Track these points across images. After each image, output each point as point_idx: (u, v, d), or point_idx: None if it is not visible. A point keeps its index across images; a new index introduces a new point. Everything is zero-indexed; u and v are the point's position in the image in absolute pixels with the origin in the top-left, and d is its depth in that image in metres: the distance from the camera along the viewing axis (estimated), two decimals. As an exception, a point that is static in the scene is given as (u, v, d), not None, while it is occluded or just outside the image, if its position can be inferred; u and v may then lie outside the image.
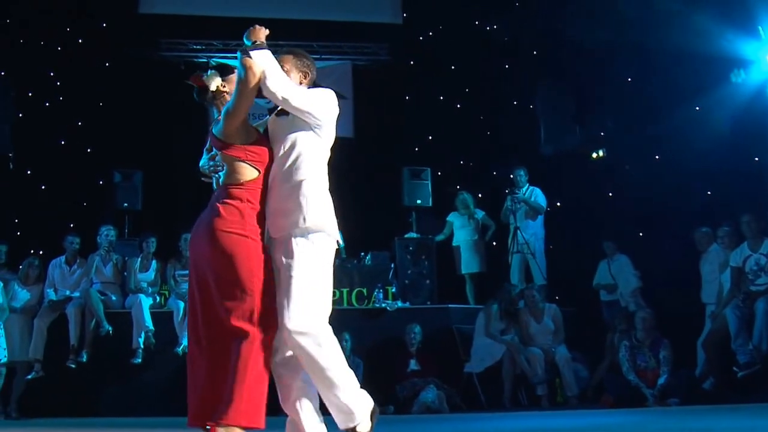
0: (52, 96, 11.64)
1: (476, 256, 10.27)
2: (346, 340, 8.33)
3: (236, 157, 3.73)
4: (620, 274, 9.48)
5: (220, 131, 3.73)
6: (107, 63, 11.85)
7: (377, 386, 8.22)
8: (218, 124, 3.75)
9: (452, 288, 10.23)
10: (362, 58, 12.62)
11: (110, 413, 8.01)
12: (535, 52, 11.85)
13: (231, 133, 3.72)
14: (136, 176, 10.41)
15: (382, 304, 9.07)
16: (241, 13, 11.69)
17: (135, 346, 8.13)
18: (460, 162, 12.12)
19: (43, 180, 11.43)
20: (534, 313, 8.73)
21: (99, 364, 8.24)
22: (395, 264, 9.79)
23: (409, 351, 8.49)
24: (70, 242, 8.95)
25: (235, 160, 3.74)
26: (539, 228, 10.10)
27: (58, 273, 8.82)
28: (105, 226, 9.08)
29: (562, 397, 8.45)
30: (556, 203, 10.97)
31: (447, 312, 9.25)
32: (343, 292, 9.33)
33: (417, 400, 7.96)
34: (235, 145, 3.73)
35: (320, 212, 3.68)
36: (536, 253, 9.89)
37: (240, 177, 3.73)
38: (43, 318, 8.34)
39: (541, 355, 8.36)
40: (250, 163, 3.73)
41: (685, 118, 9.53)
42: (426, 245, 9.98)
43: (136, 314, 8.26)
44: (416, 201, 10.44)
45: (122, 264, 8.99)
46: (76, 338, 8.28)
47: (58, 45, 11.70)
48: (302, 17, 12.08)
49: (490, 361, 8.48)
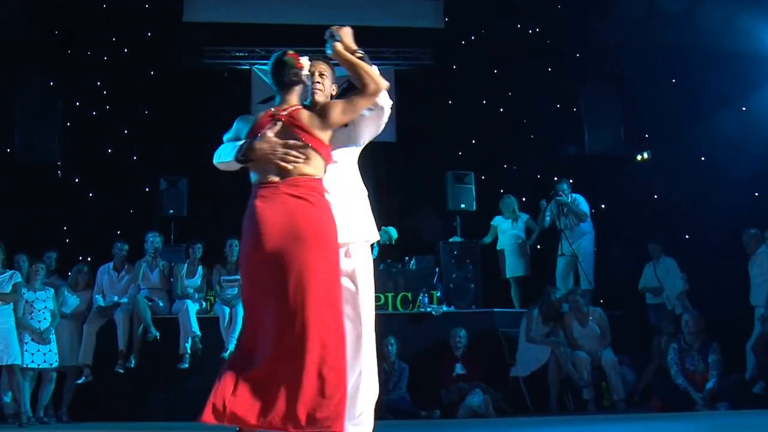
0: (98, 105, 11.82)
1: (521, 259, 10.20)
2: (392, 344, 8.36)
3: (321, 152, 3.65)
4: (666, 276, 9.37)
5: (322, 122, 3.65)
6: (152, 71, 12.01)
7: (423, 391, 8.31)
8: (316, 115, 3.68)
9: (497, 292, 10.20)
10: (404, 63, 12.62)
11: (158, 417, 8.09)
12: (578, 55, 11.77)
13: (330, 126, 3.67)
14: (181, 183, 10.53)
15: (428, 308, 9.06)
16: (283, 20, 11.85)
17: (182, 352, 8.19)
18: (504, 166, 12.06)
19: (90, 188, 11.61)
20: (579, 317, 8.66)
21: (147, 369, 8.33)
22: (440, 268, 9.79)
23: (455, 355, 8.47)
24: (118, 249, 9.07)
25: (318, 155, 3.65)
26: (587, 232, 10.00)
27: (106, 279, 8.93)
28: (151, 232, 9.17)
29: (609, 401, 8.36)
30: (601, 206, 10.88)
31: (492, 316, 9.21)
32: (387, 296, 9.35)
33: (463, 405, 7.93)
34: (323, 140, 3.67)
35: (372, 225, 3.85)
36: (583, 258, 9.79)
37: (320, 172, 3.66)
38: (92, 324, 8.46)
39: (587, 359, 8.29)
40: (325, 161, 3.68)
41: (732, 118, 9.41)
42: (470, 249, 9.96)
43: (182, 320, 8.32)
44: (460, 205, 10.46)
45: (169, 270, 9.05)
46: (124, 344, 8.37)
47: (104, 55, 11.89)
48: (344, 23, 12.09)
49: (535, 365, 8.44)
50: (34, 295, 7.99)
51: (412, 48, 12.56)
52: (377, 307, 9.18)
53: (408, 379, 8.34)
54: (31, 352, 7.80)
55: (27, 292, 7.96)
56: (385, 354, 8.36)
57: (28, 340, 7.81)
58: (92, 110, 11.76)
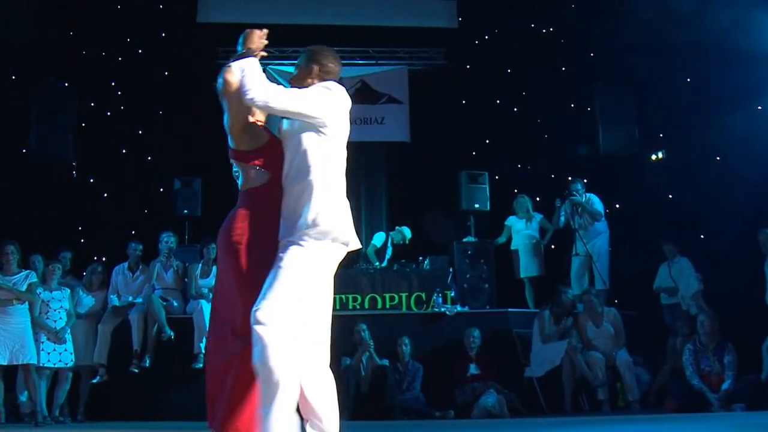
0: (113, 105, 11.88)
1: (535, 259, 10.19)
2: (406, 344, 8.37)
3: (244, 162, 3.75)
4: (681, 277, 9.32)
5: (229, 138, 3.76)
6: (166, 72, 12.07)
7: (437, 391, 8.30)
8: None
9: (511, 292, 10.19)
10: (418, 63, 12.63)
11: (172, 417, 8.12)
12: (592, 54, 11.74)
13: (236, 140, 3.74)
14: (195, 183, 10.57)
15: (442, 308, 9.07)
16: (297, 20, 11.86)
17: (196, 351, 8.21)
18: (518, 165, 12.04)
19: (105, 188, 11.67)
20: (593, 317, 8.64)
21: (161, 368, 8.37)
22: (454, 268, 9.82)
23: (469, 355, 8.46)
24: (132, 249, 9.10)
25: (244, 166, 3.76)
26: (601, 232, 9.96)
27: (121, 279, 8.98)
28: (165, 232, 9.21)
29: (624, 401, 8.34)
30: (615, 206, 10.84)
31: (506, 316, 9.20)
32: (402, 296, 9.38)
33: (477, 405, 7.91)
34: (242, 151, 3.73)
35: (321, 217, 3.58)
36: (598, 258, 9.76)
37: (250, 182, 3.76)
38: (107, 323, 8.50)
39: (601, 359, 8.27)
40: (258, 168, 3.72)
41: (747, 118, 9.36)
42: (484, 249, 9.99)
43: (197, 320, 8.33)
44: (474, 205, 10.48)
45: (183, 270, 9.09)
46: (138, 343, 8.41)
47: (119, 55, 11.95)
48: (357, 23, 12.16)
49: (549, 365, 8.42)
50: (50, 294, 8.03)
51: (425, 48, 12.56)
52: (391, 306, 9.28)
53: (422, 379, 8.34)
54: (47, 352, 7.84)
55: (43, 291, 8.01)
56: (399, 354, 8.38)
57: (45, 339, 7.85)
58: (107, 111, 11.82)
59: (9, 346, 7.58)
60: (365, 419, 7.58)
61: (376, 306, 9.36)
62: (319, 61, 3.86)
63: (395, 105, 12.48)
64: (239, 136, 3.74)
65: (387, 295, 9.42)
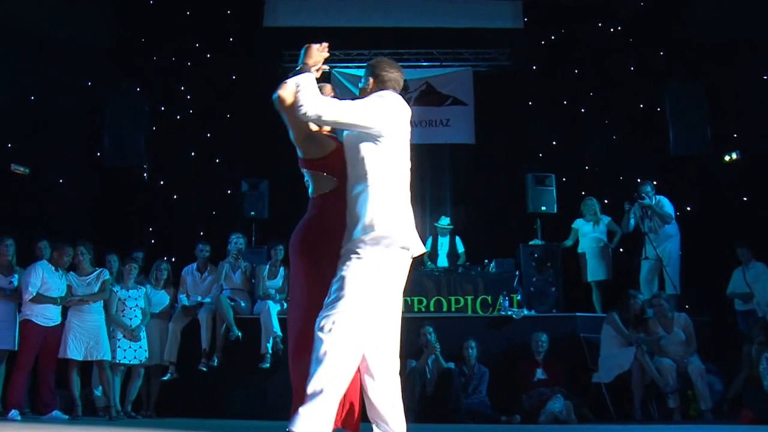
0: (182, 109, 12.09)
1: (602, 263, 10.01)
2: (472, 347, 8.31)
3: (312, 170, 3.91)
4: (757, 282, 9.07)
5: (297, 149, 3.93)
6: (233, 76, 12.23)
7: (503, 395, 8.22)
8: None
9: (578, 296, 10.04)
10: (483, 64, 12.56)
11: (240, 416, 8.21)
12: (662, 53, 11.50)
13: (302, 149, 3.91)
14: (262, 185, 10.68)
15: (508, 312, 8.96)
16: (362, 23, 11.91)
17: (264, 351, 8.29)
18: (585, 167, 11.85)
19: (175, 190, 11.88)
20: (663, 323, 8.43)
21: (229, 368, 8.46)
22: (520, 271, 9.69)
23: (536, 360, 8.35)
24: (200, 250, 9.24)
25: (312, 173, 3.92)
26: (672, 235, 9.74)
27: (190, 280, 9.12)
28: (235, 234, 9.32)
29: (696, 410, 8.10)
30: (687, 208, 10.60)
31: (574, 320, 9.05)
32: (467, 299, 9.30)
33: (544, 410, 7.81)
34: (309, 159, 3.90)
35: (378, 222, 3.65)
36: (668, 261, 9.55)
37: (319, 189, 3.91)
38: (177, 322, 8.63)
39: (672, 365, 8.05)
40: (325, 175, 3.87)
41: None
42: (551, 252, 9.84)
43: (264, 320, 8.41)
44: (541, 207, 10.36)
45: (251, 271, 9.18)
46: (207, 343, 8.52)
47: (188, 60, 12.17)
48: (422, 25, 12.15)
49: (618, 371, 8.24)
50: (127, 293, 8.24)
51: (490, 49, 12.48)
52: (457, 309, 9.22)
53: (488, 383, 8.27)
54: (123, 349, 8.05)
55: (120, 290, 8.22)
56: (465, 357, 8.32)
57: (120, 336, 8.06)
58: (177, 114, 12.03)
59: (84, 342, 7.83)
60: (431, 422, 7.54)
61: (442, 309, 9.30)
62: (376, 74, 3.97)
63: (460, 107, 12.42)
64: (305, 145, 3.89)
65: (452, 298, 9.36)
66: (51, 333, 7.84)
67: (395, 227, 3.68)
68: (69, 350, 7.76)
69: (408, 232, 3.74)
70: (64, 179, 10.95)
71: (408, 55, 12.20)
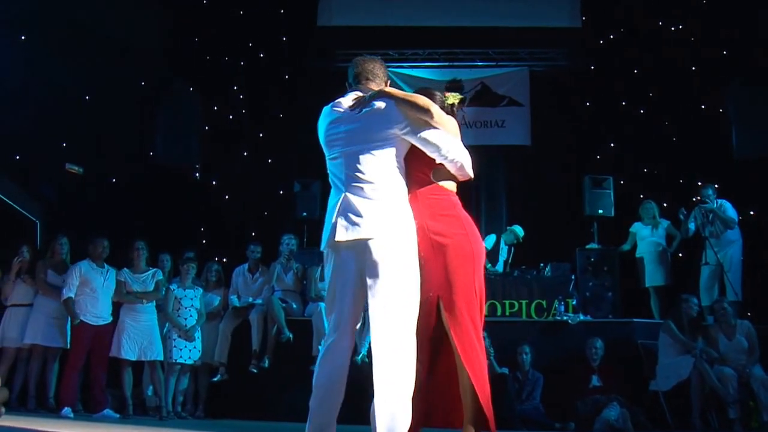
0: (235, 109, 12.11)
1: (661, 267, 9.74)
2: (526, 353, 8.18)
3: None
4: (824, 289, 8.75)
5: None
6: (286, 75, 12.22)
7: (558, 402, 8.04)
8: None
9: (636, 301, 9.81)
10: (540, 64, 12.40)
11: (290, 418, 8.11)
12: (725, 52, 11.19)
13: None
14: (314, 186, 10.65)
15: (564, 316, 8.80)
16: (417, 23, 11.82)
17: (315, 354, 8.20)
18: (644, 170, 11.61)
19: (226, 190, 11.91)
20: (725, 330, 8.15)
21: (280, 369, 8.41)
22: (576, 275, 9.55)
23: (591, 366, 8.16)
24: (251, 251, 9.21)
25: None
26: (734, 240, 9.44)
27: (241, 280, 9.10)
28: (286, 235, 9.27)
29: (758, 422, 7.80)
30: (750, 213, 10.29)
31: (631, 326, 8.83)
32: (522, 303, 9.20)
33: (599, 418, 7.61)
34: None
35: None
36: (729, 267, 9.25)
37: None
38: (228, 323, 8.62)
39: (733, 374, 7.78)
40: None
41: None
42: (608, 256, 9.70)
43: (316, 322, 8.34)
44: (598, 210, 10.19)
45: (302, 272, 9.13)
46: (258, 344, 8.49)
47: (241, 60, 12.20)
48: (477, 24, 12.01)
49: (677, 379, 8.00)
50: (183, 292, 8.23)
51: (547, 48, 12.31)
52: (511, 313, 9.06)
53: (542, 389, 8.11)
54: (178, 348, 8.03)
55: (177, 289, 8.23)
56: (518, 363, 8.18)
57: (176, 336, 8.04)
58: (229, 114, 12.06)
59: (138, 342, 7.85)
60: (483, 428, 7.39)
61: (496, 313, 9.18)
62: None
63: (516, 107, 12.27)
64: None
65: (506, 302, 9.24)
66: (102, 332, 7.86)
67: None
68: (123, 350, 7.79)
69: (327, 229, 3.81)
70: (116, 179, 11.04)
71: (463, 55, 12.09)
